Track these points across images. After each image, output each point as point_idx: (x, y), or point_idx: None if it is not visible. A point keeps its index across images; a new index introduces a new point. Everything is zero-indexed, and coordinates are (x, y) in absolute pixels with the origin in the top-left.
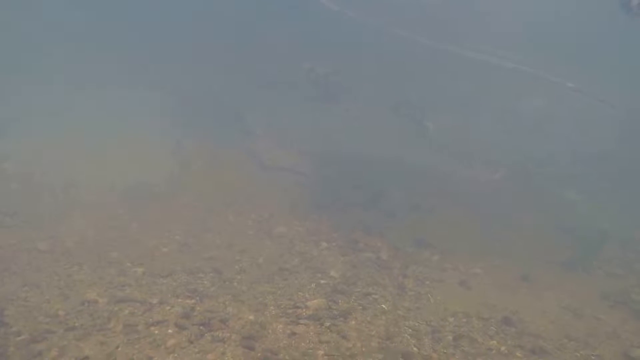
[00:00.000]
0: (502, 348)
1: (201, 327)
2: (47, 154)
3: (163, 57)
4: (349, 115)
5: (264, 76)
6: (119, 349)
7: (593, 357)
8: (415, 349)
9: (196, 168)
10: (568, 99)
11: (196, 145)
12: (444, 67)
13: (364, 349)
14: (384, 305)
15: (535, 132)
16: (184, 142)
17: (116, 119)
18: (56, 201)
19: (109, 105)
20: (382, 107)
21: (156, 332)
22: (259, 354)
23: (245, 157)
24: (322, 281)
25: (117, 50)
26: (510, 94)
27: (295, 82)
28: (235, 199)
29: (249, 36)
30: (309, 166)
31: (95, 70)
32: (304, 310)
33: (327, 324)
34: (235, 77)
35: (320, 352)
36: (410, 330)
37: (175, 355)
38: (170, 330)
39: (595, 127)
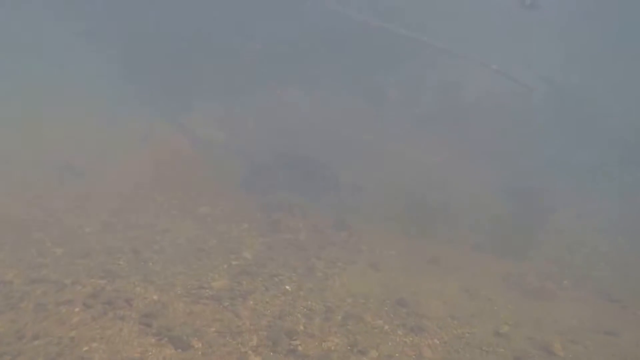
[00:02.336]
0: (386, 327)
1: (106, 306)
2: None
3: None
4: (290, 96)
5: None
6: (27, 325)
7: (467, 334)
8: (301, 327)
9: (129, 143)
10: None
11: (132, 119)
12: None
13: (251, 327)
14: (287, 287)
15: None
16: (120, 116)
17: (49, 88)
18: None
19: (42, 71)
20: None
21: (64, 310)
22: (153, 330)
23: (181, 132)
24: (234, 262)
25: None
26: None
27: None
28: (165, 176)
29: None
30: (245, 144)
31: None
32: (207, 290)
33: (226, 303)
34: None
35: (212, 329)
36: (305, 310)
37: (78, 331)
38: (77, 309)
39: None
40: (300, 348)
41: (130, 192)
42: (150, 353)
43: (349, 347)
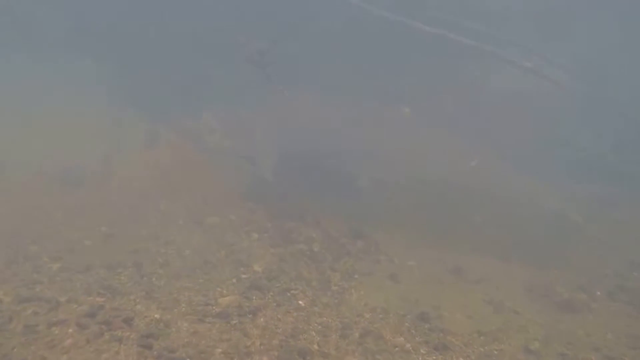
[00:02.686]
0: (408, 345)
1: (102, 326)
2: None
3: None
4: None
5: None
6: (15, 349)
7: (495, 352)
8: (316, 346)
9: (132, 148)
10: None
11: (134, 123)
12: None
13: (262, 347)
14: (300, 302)
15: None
16: (122, 120)
17: (47, 92)
18: None
19: (39, 76)
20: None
21: (56, 332)
22: (154, 352)
23: (188, 137)
24: (244, 276)
25: None
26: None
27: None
28: (170, 184)
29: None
30: (254, 149)
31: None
32: (214, 307)
33: (234, 321)
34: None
35: (218, 350)
36: (319, 327)
37: (70, 355)
38: (70, 330)
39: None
40: None
41: (133, 201)
42: None
43: None
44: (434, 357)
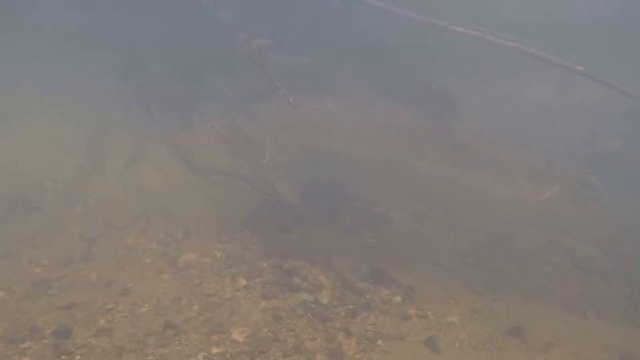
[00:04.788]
0: None
1: None
2: None
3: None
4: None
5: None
6: None
7: None
8: None
9: (111, 165)
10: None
11: (118, 135)
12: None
13: None
14: None
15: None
16: (105, 131)
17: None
18: None
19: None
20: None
21: None
22: None
23: (177, 153)
24: (215, 350)
25: None
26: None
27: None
28: (147, 209)
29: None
30: (253, 169)
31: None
32: None
33: None
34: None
35: None
36: None
37: None
38: None
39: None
40: None
41: (95, 232)
42: None
43: None
44: None
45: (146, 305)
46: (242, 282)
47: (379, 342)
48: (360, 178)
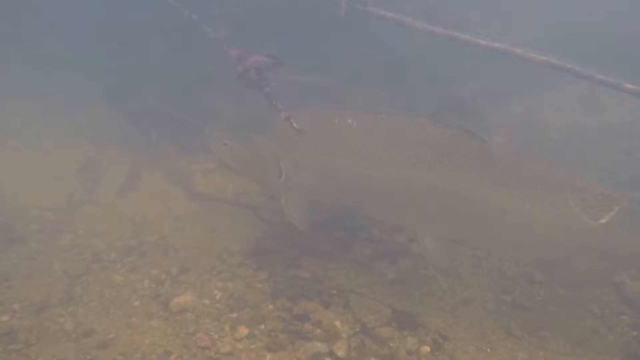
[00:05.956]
0: None
1: None
2: None
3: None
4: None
5: None
6: None
7: None
8: None
9: (104, 194)
10: None
11: (115, 161)
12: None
13: None
14: None
15: None
16: (100, 157)
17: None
18: None
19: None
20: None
21: None
22: None
23: (177, 180)
24: None
25: None
26: None
27: None
28: (140, 243)
29: None
30: (261, 197)
31: None
32: None
33: None
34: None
35: None
36: None
37: None
38: None
39: None
40: None
41: (80, 269)
42: None
43: None
44: None
45: None
46: (244, 331)
47: None
48: (382, 201)
